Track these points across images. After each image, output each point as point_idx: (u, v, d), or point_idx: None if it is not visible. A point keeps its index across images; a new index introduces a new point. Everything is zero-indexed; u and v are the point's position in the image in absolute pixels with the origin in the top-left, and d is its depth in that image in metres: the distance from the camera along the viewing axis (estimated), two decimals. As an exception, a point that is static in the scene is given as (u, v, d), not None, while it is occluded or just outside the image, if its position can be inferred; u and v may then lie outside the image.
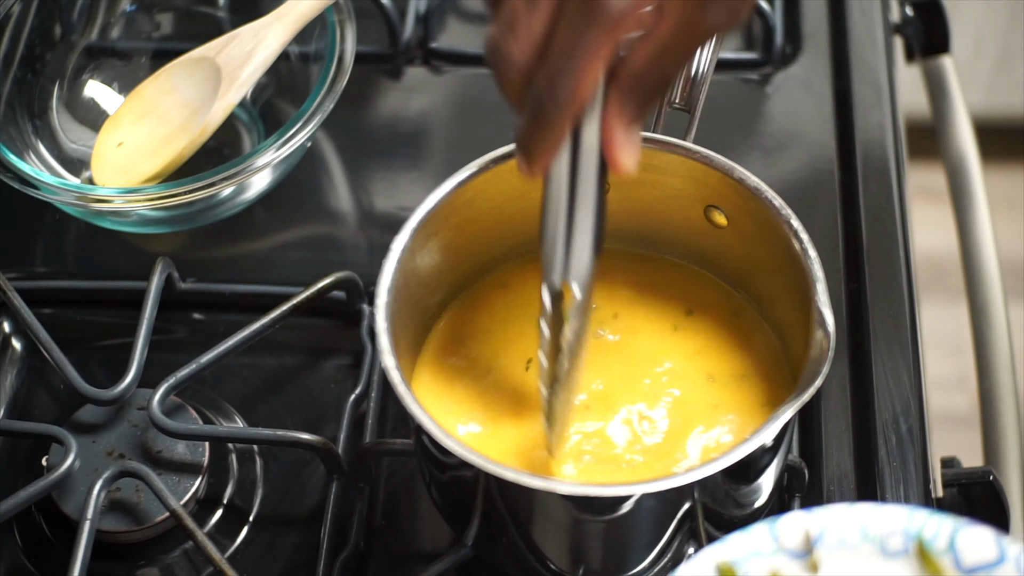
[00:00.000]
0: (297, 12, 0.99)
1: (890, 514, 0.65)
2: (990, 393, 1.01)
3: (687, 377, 0.83)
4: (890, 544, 0.64)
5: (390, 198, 1.04)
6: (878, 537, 0.64)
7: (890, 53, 1.09)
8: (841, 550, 0.65)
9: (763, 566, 0.64)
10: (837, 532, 0.65)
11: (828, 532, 0.65)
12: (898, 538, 0.64)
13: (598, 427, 0.81)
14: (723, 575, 0.64)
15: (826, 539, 0.65)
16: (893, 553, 0.64)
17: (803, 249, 0.79)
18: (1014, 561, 0.63)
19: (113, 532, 0.86)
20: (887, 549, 0.64)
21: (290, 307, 0.92)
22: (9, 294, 0.93)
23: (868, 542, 0.64)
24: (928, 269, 1.84)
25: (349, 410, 0.92)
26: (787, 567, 0.65)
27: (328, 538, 0.87)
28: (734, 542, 0.65)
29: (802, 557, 0.65)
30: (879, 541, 0.64)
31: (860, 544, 0.64)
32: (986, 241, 1.07)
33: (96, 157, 1.00)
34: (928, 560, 0.64)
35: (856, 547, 0.64)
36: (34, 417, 0.94)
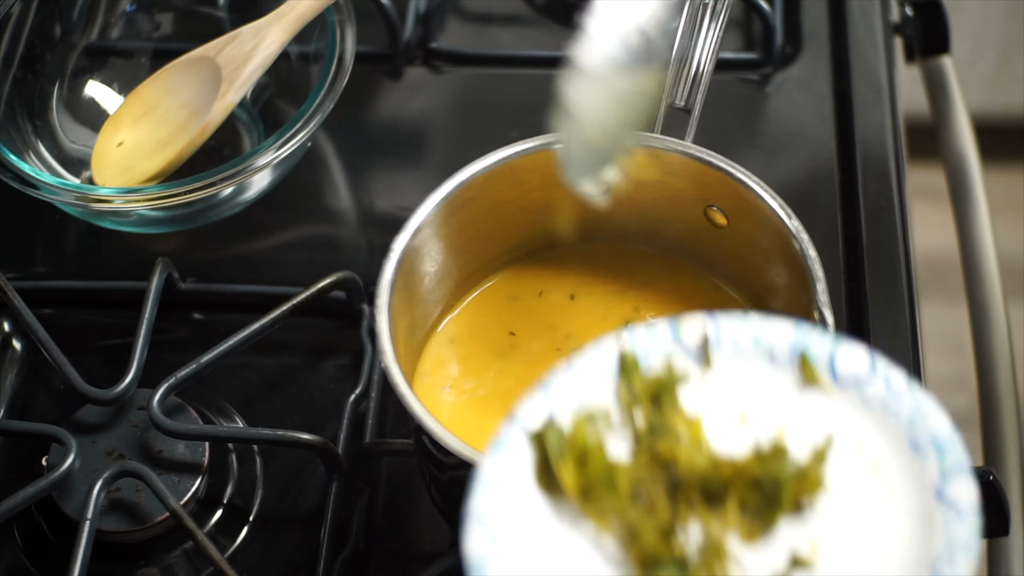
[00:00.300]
0: (297, 12, 0.99)
1: (781, 329, 0.69)
2: (990, 393, 1.01)
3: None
4: (778, 354, 0.69)
5: (390, 198, 1.04)
6: (767, 347, 0.69)
7: (890, 53, 1.09)
8: (734, 356, 0.70)
9: (661, 359, 0.69)
10: (732, 338, 0.70)
11: (724, 336, 0.70)
12: (785, 349, 0.69)
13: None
14: (625, 360, 0.69)
15: (722, 343, 0.70)
16: (779, 362, 0.69)
17: (803, 249, 0.79)
18: (883, 377, 0.68)
19: (113, 532, 0.87)
20: (775, 358, 0.69)
21: (290, 307, 0.92)
22: (9, 294, 0.93)
23: (759, 351, 0.69)
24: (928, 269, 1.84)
25: (349, 410, 0.92)
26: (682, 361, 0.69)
27: (328, 538, 0.87)
28: (638, 334, 0.69)
29: (698, 356, 0.70)
30: (768, 350, 0.69)
31: (751, 352, 0.69)
32: (986, 241, 1.07)
33: (96, 157, 1.00)
34: (808, 371, 0.69)
35: (747, 354, 0.70)
36: (34, 417, 0.94)
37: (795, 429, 0.68)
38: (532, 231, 0.87)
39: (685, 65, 0.84)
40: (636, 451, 0.67)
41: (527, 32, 1.12)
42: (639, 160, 0.80)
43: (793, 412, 0.68)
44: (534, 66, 1.10)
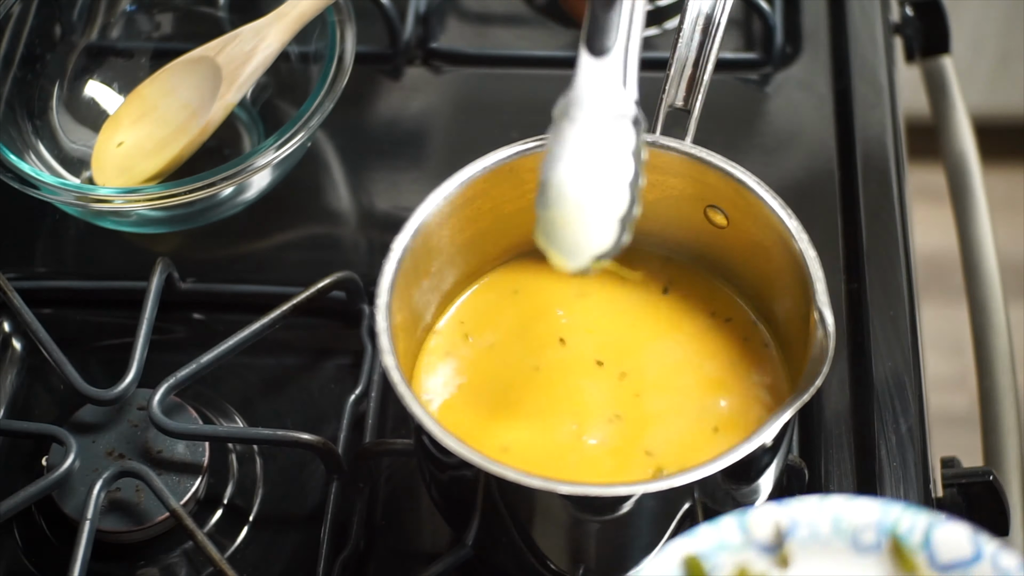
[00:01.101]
0: (297, 12, 0.99)
1: (864, 508, 0.63)
2: (990, 393, 1.01)
3: (686, 376, 0.83)
4: (863, 539, 0.63)
5: (390, 198, 1.04)
6: (850, 531, 0.63)
7: (890, 53, 1.09)
8: (813, 544, 0.63)
9: (731, 560, 0.63)
10: (809, 525, 0.63)
11: (800, 525, 0.63)
12: (871, 533, 0.63)
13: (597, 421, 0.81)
14: (690, 569, 0.63)
15: (798, 532, 0.63)
16: (866, 548, 0.63)
17: (803, 249, 0.79)
18: (990, 559, 0.62)
19: (113, 532, 0.87)
20: (860, 544, 0.63)
21: (290, 307, 0.92)
22: (9, 294, 0.93)
23: (840, 537, 0.63)
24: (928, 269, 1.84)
25: (349, 410, 0.92)
26: (756, 562, 0.63)
27: (328, 538, 0.87)
28: (703, 534, 0.63)
29: (772, 551, 0.64)
30: (851, 536, 0.63)
31: (832, 539, 0.63)
32: (986, 241, 1.07)
33: (96, 157, 1.00)
34: (902, 556, 0.62)
35: (828, 542, 0.63)
36: (34, 417, 0.94)
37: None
38: (532, 231, 0.87)
39: (685, 65, 0.84)
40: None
41: (527, 32, 1.12)
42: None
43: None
44: (534, 66, 1.10)
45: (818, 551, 0.63)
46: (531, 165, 0.84)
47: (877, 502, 0.63)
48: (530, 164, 0.84)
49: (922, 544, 0.62)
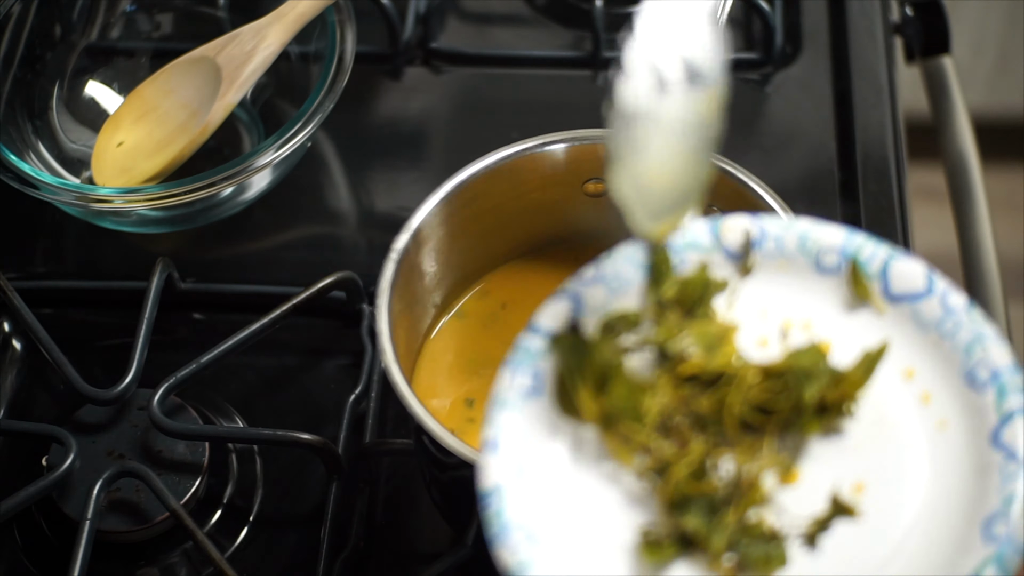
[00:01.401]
0: (297, 12, 0.99)
1: (831, 231, 0.64)
2: (990, 393, 1.01)
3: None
4: (825, 260, 0.64)
5: (390, 198, 1.04)
6: (815, 251, 0.64)
7: (890, 53, 1.09)
8: (776, 258, 0.64)
9: (697, 259, 0.64)
10: (776, 239, 0.64)
11: (768, 237, 0.64)
12: (834, 255, 0.64)
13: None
14: (656, 257, 0.64)
15: (764, 245, 0.64)
16: (826, 269, 0.64)
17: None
18: (940, 295, 0.62)
19: (113, 532, 0.86)
20: (821, 264, 0.64)
21: (290, 307, 0.92)
22: (9, 294, 0.93)
23: (804, 254, 0.64)
24: (928, 269, 1.84)
25: (349, 410, 0.92)
26: (721, 266, 0.64)
27: (328, 538, 0.87)
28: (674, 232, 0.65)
29: (737, 259, 0.65)
30: (815, 255, 0.64)
31: (796, 255, 0.64)
32: (986, 241, 1.07)
33: (96, 157, 1.00)
34: (859, 282, 0.63)
35: (792, 258, 0.64)
36: (34, 417, 0.94)
37: (840, 344, 0.62)
38: (532, 231, 0.87)
39: None
40: (664, 369, 0.61)
41: (527, 32, 1.12)
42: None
43: (838, 327, 0.62)
44: (534, 66, 1.10)
45: (781, 266, 0.64)
46: (531, 165, 0.84)
47: (845, 229, 0.64)
48: (530, 164, 0.84)
49: (879, 273, 0.63)
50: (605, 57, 1.09)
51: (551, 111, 1.06)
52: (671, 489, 0.60)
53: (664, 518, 0.60)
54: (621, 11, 1.11)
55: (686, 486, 0.60)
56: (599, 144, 0.84)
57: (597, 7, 1.07)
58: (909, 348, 0.62)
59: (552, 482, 0.61)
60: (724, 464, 0.60)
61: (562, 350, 0.62)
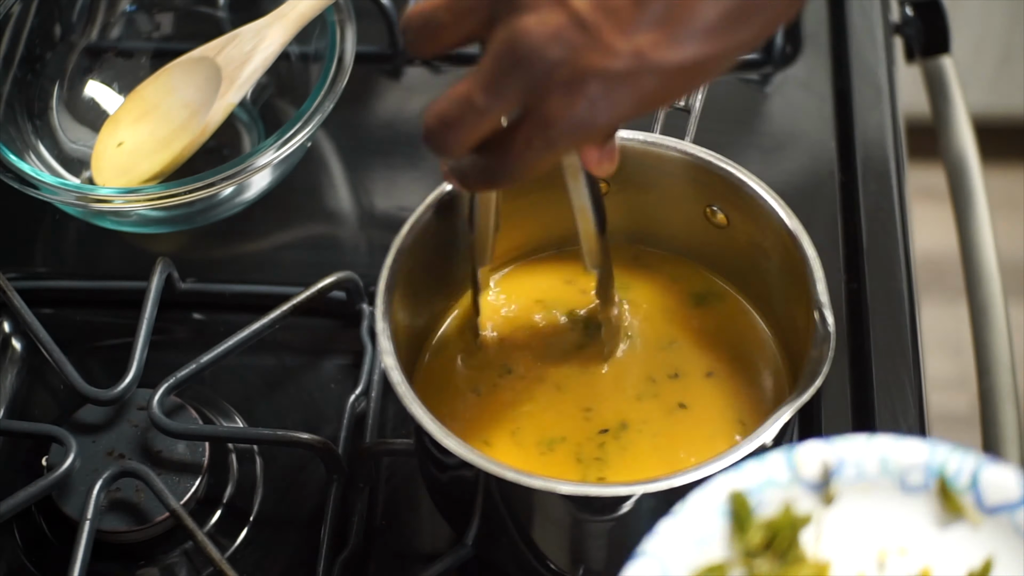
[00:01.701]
0: (297, 12, 0.99)
1: (912, 448, 0.62)
2: (990, 393, 1.01)
3: (686, 377, 0.83)
4: (910, 479, 0.62)
5: (390, 198, 1.04)
6: (898, 471, 0.62)
7: (890, 53, 1.09)
8: (859, 483, 0.62)
9: (777, 497, 0.62)
10: (856, 464, 0.62)
11: (847, 464, 0.62)
12: (919, 473, 0.62)
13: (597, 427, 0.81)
14: (736, 504, 0.62)
15: (844, 471, 0.62)
16: (913, 489, 0.62)
17: (803, 249, 0.79)
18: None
19: (113, 532, 0.87)
20: (907, 484, 0.62)
21: (290, 307, 0.92)
22: (9, 294, 0.93)
23: (887, 476, 0.62)
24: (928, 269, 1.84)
25: (349, 410, 0.92)
26: (802, 500, 0.62)
27: (328, 538, 0.87)
28: (749, 470, 0.62)
29: (818, 489, 0.63)
30: (899, 476, 0.62)
31: (879, 478, 0.62)
32: (986, 241, 1.07)
33: (96, 157, 1.00)
34: (949, 498, 0.61)
35: (875, 481, 0.62)
36: (34, 417, 0.94)
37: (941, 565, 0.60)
38: (532, 231, 0.87)
39: None
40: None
41: (527, 32, 1.12)
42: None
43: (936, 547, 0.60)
44: (534, 66, 1.10)
45: (864, 490, 0.62)
46: (531, 165, 0.84)
47: (925, 442, 0.62)
48: (530, 164, 0.84)
49: (969, 486, 0.61)
50: (605, 57, 1.08)
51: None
52: None
53: None
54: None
55: None
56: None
57: (597, 7, 1.07)
58: (1013, 559, 0.60)
59: None
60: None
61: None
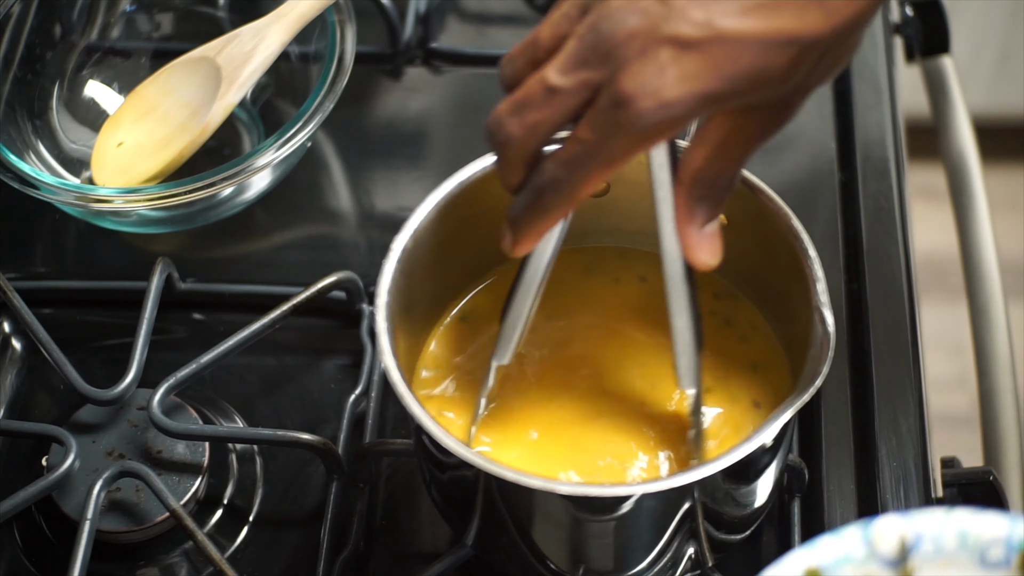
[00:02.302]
0: (297, 12, 0.99)
1: (992, 522, 0.61)
2: (990, 393, 1.01)
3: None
4: (991, 554, 0.61)
5: (390, 198, 1.04)
6: (978, 547, 0.61)
7: (890, 53, 1.09)
8: (937, 559, 0.61)
9: (854, 573, 0.62)
10: (934, 539, 0.61)
11: (925, 539, 0.61)
12: (999, 548, 0.61)
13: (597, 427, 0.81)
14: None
15: (922, 547, 0.61)
16: (994, 564, 0.61)
17: (803, 249, 0.79)
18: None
19: (113, 532, 0.87)
20: (987, 559, 0.61)
21: (290, 307, 0.92)
22: (9, 294, 0.93)
23: (966, 552, 0.61)
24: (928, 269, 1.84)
25: (349, 410, 0.92)
26: (879, 573, 0.62)
27: (328, 538, 0.87)
28: (825, 546, 0.62)
29: (896, 565, 0.62)
30: (979, 551, 0.61)
31: (958, 553, 0.61)
32: (986, 241, 1.07)
33: (96, 157, 1.00)
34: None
35: (953, 556, 0.61)
36: (34, 417, 0.94)
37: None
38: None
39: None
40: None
41: (527, 32, 1.11)
42: None
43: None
44: (534, 66, 1.10)
45: (943, 566, 0.61)
46: (531, 165, 0.84)
47: (1006, 516, 0.61)
48: (530, 164, 0.84)
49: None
50: (605, 57, 1.08)
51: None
52: None
53: None
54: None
55: None
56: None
57: (597, 7, 1.07)
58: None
59: None
60: None
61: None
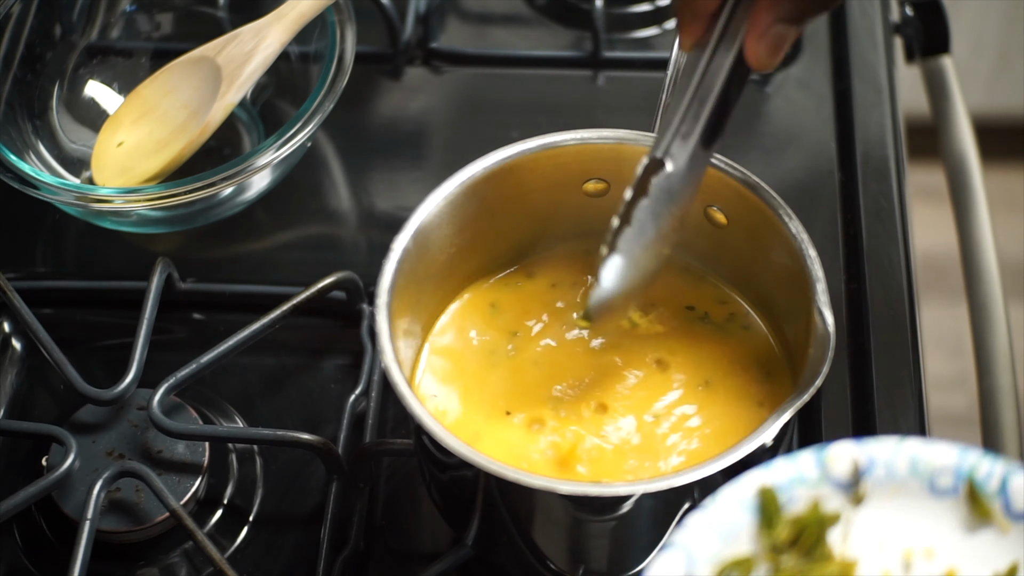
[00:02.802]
0: (297, 12, 0.99)
1: (942, 451, 0.63)
2: (990, 393, 1.01)
3: (685, 376, 0.83)
4: (939, 482, 0.62)
5: (390, 198, 1.04)
6: (927, 474, 0.62)
7: (890, 53, 1.09)
8: (888, 484, 0.63)
9: (806, 495, 0.63)
10: (886, 465, 0.63)
11: (877, 464, 0.63)
12: (948, 477, 0.62)
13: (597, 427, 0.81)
14: (765, 500, 0.63)
15: (874, 471, 0.63)
16: (942, 491, 0.62)
17: (803, 249, 0.79)
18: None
19: (113, 532, 0.87)
20: (936, 487, 0.62)
21: (290, 307, 0.92)
22: (9, 294, 0.93)
23: (916, 479, 0.63)
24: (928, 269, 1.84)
25: (349, 410, 0.92)
26: (831, 499, 0.63)
27: (328, 538, 0.87)
28: (779, 467, 0.63)
29: (848, 489, 0.63)
30: (928, 478, 0.62)
31: (908, 480, 0.63)
32: (986, 241, 1.07)
33: (96, 157, 1.00)
34: (978, 502, 0.62)
35: (904, 483, 0.63)
36: (34, 417, 0.94)
37: (966, 569, 0.61)
38: (532, 231, 0.87)
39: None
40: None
41: (527, 32, 1.12)
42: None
43: (962, 551, 0.61)
44: (534, 66, 1.10)
45: (893, 492, 0.63)
46: (531, 165, 0.84)
47: (955, 446, 0.63)
48: (530, 164, 0.84)
49: (998, 491, 0.62)
50: (605, 57, 1.09)
51: (551, 111, 1.06)
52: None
53: None
54: (621, 11, 1.11)
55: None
56: (599, 144, 0.84)
57: (597, 7, 1.08)
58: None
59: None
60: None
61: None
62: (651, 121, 0.85)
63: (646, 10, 1.12)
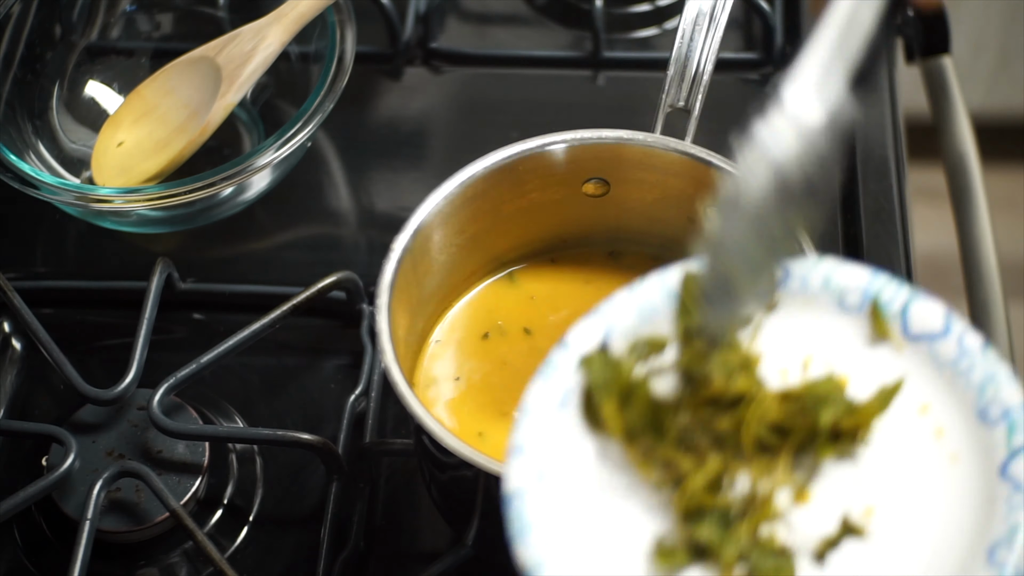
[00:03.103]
0: (297, 12, 0.99)
1: (854, 272, 0.66)
2: (990, 393, 1.01)
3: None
4: (848, 299, 0.66)
5: (390, 198, 1.04)
6: (838, 289, 0.66)
7: (890, 53, 1.09)
8: (801, 296, 0.67)
9: None
10: (801, 277, 0.67)
11: (793, 276, 0.67)
12: (856, 295, 0.66)
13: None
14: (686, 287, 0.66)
15: (790, 282, 0.67)
16: (848, 308, 0.66)
17: (803, 249, 0.79)
18: (957, 336, 0.65)
19: (113, 532, 0.87)
20: (844, 303, 0.66)
21: (290, 307, 0.92)
22: (9, 294, 0.93)
23: (828, 293, 0.66)
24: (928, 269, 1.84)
25: (349, 410, 0.92)
26: None
27: (328, 538, 0.87)
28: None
29: None
30: (838, 294, 0.66)
31: (820, 294, 0.67)
32: (986, 241, 1.07)
33: (96, 157, 1.00)
34: (879, 321, 0.66)
35: (815, 296, 0.67)
36: (34, 417, 0.94)
37: (858, 378, 0.64)
38: (532, 231, 0.87)
39: (685, 65, 0.84)
40: (687, 392, 0.64)
41: (527, 32, 1.12)
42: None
43: (858, 362, 0.65)
44: (534, 66, 1.10)
45: (804, 303, 0.67)
46: (531, 165, 0.84)
47: (868, 269, 0.66)
48: (530, 164, 0.84)
49: (899, 313, 0.66)
50: (605, 57, 1.09)
51: (551, 111, 1.06)
52: (687, 500, 0.63)
53: (679, 528, 0.63)
54: (621, 11, 1.11)
55: (701, 497, 0.62)
56: (599, 144, 0.84)
57: (597, 7, 1.07)
58: (925, 385, 0.65)
59: (573, 488, 0.63)
60: (740, 481, 0.63)
61: (591, 367, 0.65)
62: (651, 121, 0.85)
63: (646, 10, 1.12)
